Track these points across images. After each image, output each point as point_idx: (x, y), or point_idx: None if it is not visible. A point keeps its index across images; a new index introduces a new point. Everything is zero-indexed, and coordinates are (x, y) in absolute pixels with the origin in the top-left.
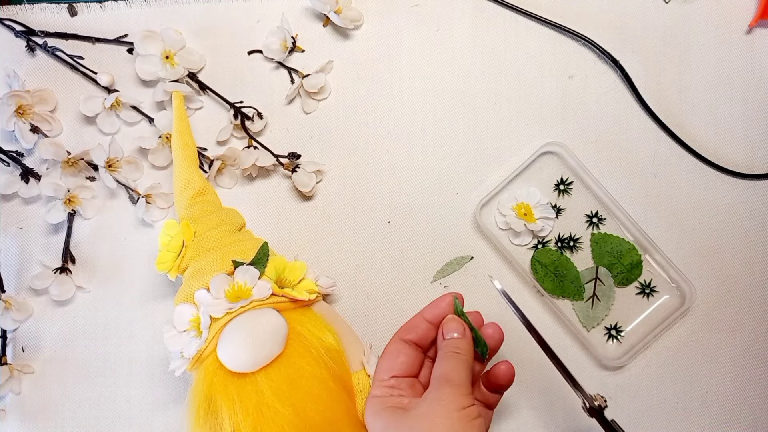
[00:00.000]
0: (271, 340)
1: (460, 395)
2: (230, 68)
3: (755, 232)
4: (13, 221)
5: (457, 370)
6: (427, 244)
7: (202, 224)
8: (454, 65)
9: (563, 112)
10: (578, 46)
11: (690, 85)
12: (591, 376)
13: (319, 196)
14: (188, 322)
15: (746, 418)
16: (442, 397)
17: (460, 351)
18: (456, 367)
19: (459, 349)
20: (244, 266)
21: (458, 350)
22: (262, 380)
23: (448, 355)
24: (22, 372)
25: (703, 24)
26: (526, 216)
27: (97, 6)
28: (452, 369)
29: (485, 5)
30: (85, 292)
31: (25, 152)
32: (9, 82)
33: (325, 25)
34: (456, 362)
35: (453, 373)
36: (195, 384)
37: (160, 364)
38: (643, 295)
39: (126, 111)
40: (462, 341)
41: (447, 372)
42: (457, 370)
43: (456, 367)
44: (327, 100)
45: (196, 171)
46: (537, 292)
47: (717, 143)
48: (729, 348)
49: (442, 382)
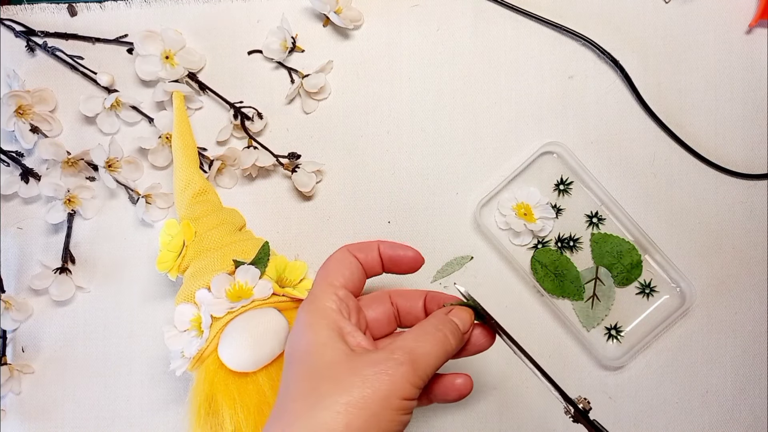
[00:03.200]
0: (272, 339)
1: (413, 385)
2: (230, 68)
3: (755, 232)
4: (13, 221)
5: (433, 358)
6: (427, 244)
7: (202, 224)
8: (454, 65)
9: (563, 112)
10: (578, 46)
11: (690, 85)
12: (591, 376)
13: (319, 196)
14: (189, 322)
15: (746, 418)
16: (396, 374)
17: (454, 340)
18: (434, 354)
19: (455, 337)
20: (245, 266)
21: (453, 337)
22: (264, 379)
23: (438, 336)
24: (22, 372)
25: (703, 24)
26: (526, 216)
27: (97, 6)
28: (429, 353)
29: (485, 5)
30: (85, 292)
31: (25, 152)
32: (9, 82)
33: (325, 25)
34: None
35: (426, 358)
36: (196, 383)
37: (160, 364)
38: (643, 295)
39: (126, 111)
40: (460, 335)
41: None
42: (433, 358)
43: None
44: (327, 100)
45: (196, 171)
46: (537, 292)
47: (717, 143)
48: (729, 348)
49: (407, 359)
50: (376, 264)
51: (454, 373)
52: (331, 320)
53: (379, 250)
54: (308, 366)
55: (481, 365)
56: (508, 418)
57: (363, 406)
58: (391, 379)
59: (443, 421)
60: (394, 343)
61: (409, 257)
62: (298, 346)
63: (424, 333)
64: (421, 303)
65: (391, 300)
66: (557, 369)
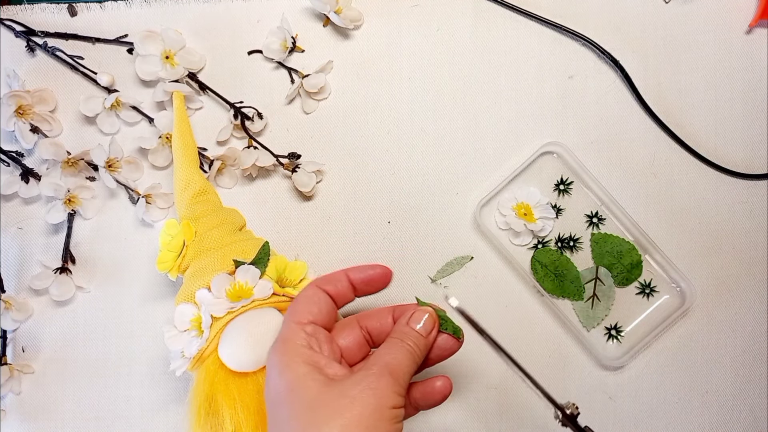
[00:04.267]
0: (272, 339)
1: (397, 394)
2: (230, 68)
3: (755, 232)
4: (13, 221)
5: (404, 365)
6: (427, 244)
7: (202, 224)
8: (454, 65)
9: (563, 112)
10: (578, 46)
11: (690, 85)
12: (591, 376)
13: (319, 196)
14: (189, 322)
15: (746, 418)
16: (379, 386)
17: (417, 348)
18: (404, 362)
19: (417, 345)
20: (245, 266)
21: (416, 346)
22: (264, 379)
23: (404, 347)
24: (22, 372)
25: (703, 24)
26: (526, 216)
27: (97, 6)
28: (401, 362)
29: (485, 5)
30: (85, 292)
31: (25, 152)
32: (9, 82)
33: (325, 25)
34: (408, 357)
35: (400, 367)
36: (196, 384)
37: (160, 364)
38: (643, 295)
39: (126, 111)
40: (423, 340)
41: (394, 363)
42: (404, 365)
43: (405, 361)
44: (327, 100)
45: (196, 171)
46: (537, 292)
47: (717, 143)
48: (729, 348)
49: (385, 371)
50: (348, 292)
51: (433, 377)
52: (305, 356)
53: (348, 278)
54: (295, 403)
55: (482, 365)
56: (508, 418)
57: (359, 423)
58: (375, 392)
59: (443, 421)
60: (368, 361)
61: (378, 274)
62: (279, 388)
63: (391, 345)
64: (390, 319)
65: (359, 325)
66: (557, 369)
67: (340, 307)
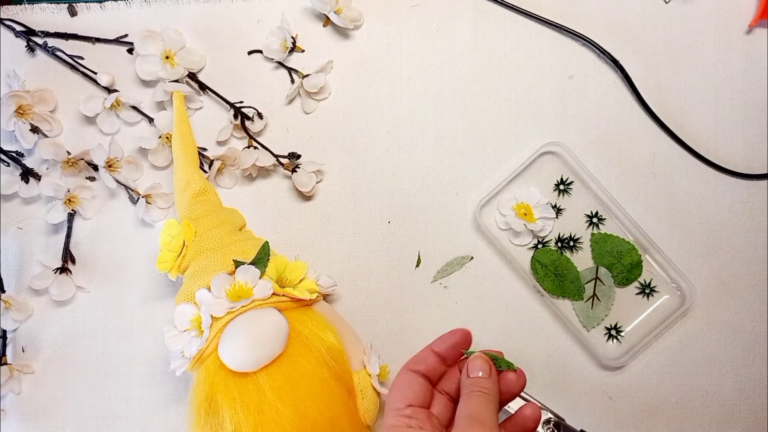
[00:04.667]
0: (272, 339)
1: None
2: (230, 68)
3: (755, 231)
4: (13, 221)
5: (484, 410)
6: (427, 244)
7: (202, 224)
8: (454, 65)
9: (563, 112)
10: (578, 46)
11: (690, 85)
12: (591, 376)
13: (319, 196)
14: (189, 322)
15: (746, 418)
16: None
17: (487, 390)
18: (483, 407)
19: (485, 388)
20: (245, 266)
21: (484, 390)
22: (264, 380)
23: (475, 394)
24: (22, 372)
25: (703, 24)
26: (526, 216)
27: (97, 6)
28: (479, 409)
29: (485, 5)
30: (85, 292)
31: (25, 152)
32: (9, 82)
33: (325, 25)
34: (482, 401)
35: (480, 413)
36: (196, 384)
37: (160, 364)
38: (643, 295)
39: (126, 111)
40: (488, 381)
41: (474, 412)
42: (484, 410)
43: (483, 406)
44: (327, 100)
45: (196, 171)
46: (537, 292)
47: (717, 143)
48: (729, 348)
49: (471, 421)
50: (438, 365)
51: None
52: None
53: (434, 352)
54: None
55: None
56: None
57: None
58: None
59: None
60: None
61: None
62: None
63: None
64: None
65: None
66: (557, 369)
67: (436, 383)
